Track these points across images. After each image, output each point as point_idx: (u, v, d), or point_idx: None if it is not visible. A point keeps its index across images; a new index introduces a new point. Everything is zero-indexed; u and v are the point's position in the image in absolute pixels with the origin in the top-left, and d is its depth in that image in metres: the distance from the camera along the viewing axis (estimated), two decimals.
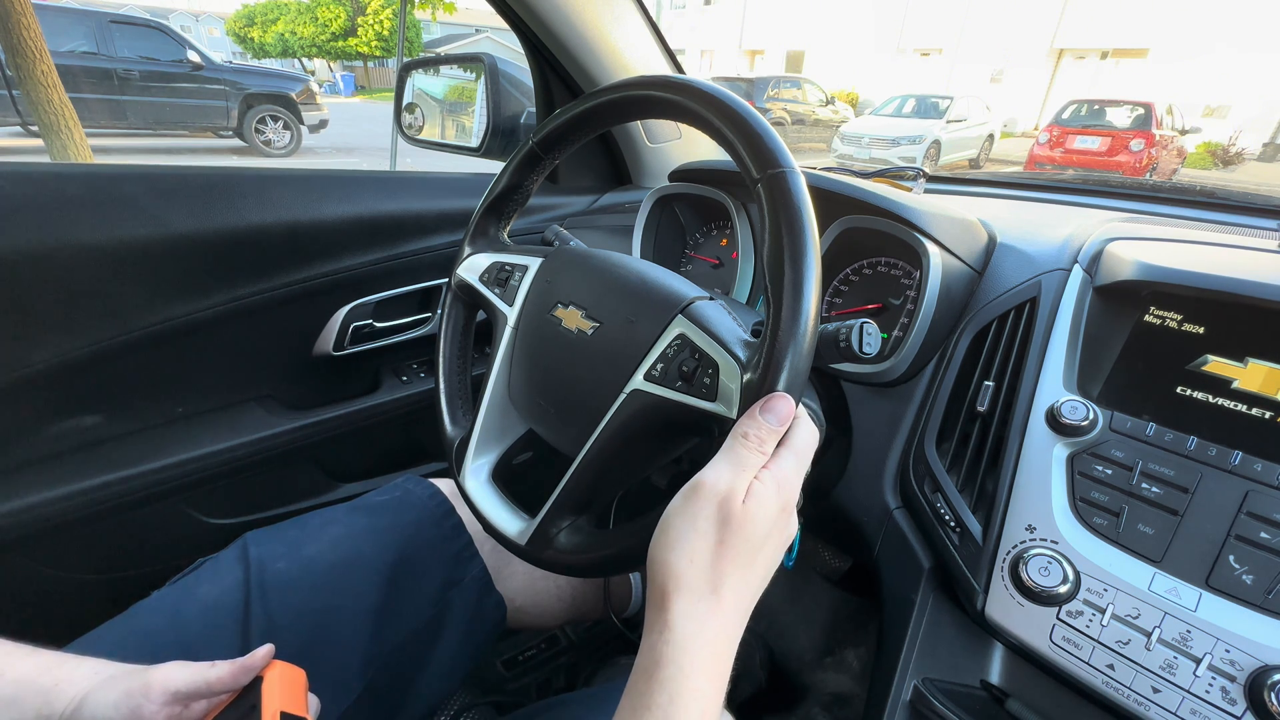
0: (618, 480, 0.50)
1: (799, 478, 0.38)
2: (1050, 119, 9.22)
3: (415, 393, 0.99)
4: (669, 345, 0.45)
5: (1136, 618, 0.46)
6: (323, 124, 8.30)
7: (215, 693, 0.43)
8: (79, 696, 0.41)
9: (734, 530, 0.34)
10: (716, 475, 0.36)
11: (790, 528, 0.38)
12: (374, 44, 23.88)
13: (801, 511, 0.40)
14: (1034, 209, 0.92)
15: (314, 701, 0.48)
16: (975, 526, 0.55)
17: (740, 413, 0.38)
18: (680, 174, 0.90)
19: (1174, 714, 0.44)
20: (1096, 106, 8.76)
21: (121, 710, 0.40)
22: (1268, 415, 0.48)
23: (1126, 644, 0.46)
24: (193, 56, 7.13)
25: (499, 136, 1.03)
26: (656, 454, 0.52)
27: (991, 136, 10.73)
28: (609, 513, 0.74)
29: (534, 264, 0.59)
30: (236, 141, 7.90)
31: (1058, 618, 0.49)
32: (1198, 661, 0.43)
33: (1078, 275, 0.61)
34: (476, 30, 27.50)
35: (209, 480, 0.83)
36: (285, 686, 0.44)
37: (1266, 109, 13.31)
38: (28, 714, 0.40)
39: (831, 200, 0.72)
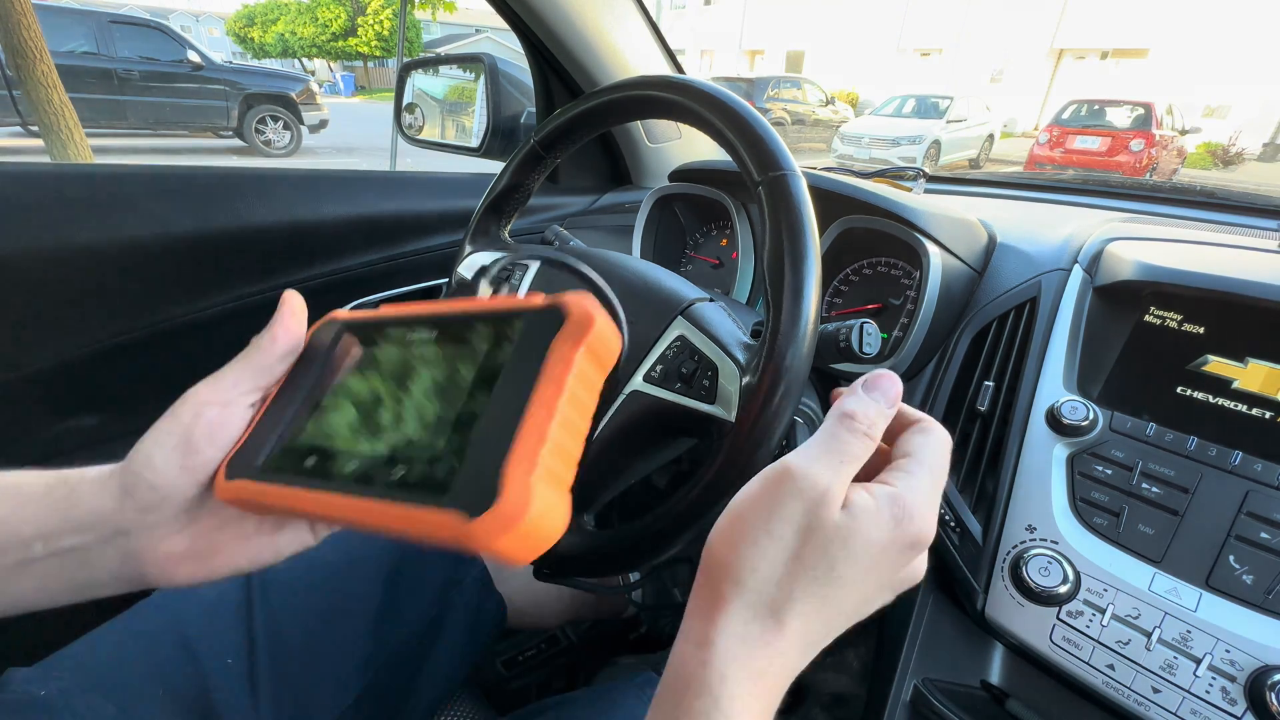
0: (616, 480, 0.50)
1: (932, 510, 0.29)
2: (1050, 119, 9.23)
3: None
4: (669, 347, 0.45)
5: (1136, 618, 0.46)
6: (323, 124, 8.29)
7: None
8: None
9: (819, 546, 0.26)
10: (810, 466, 0.27)
11: (911, 571, 0.30)
12: (374, 44, 23.91)
13: None
14: (1034, 209, 0.92)
15: None
16: (975, 527, 0.55)
17: (739, 416, 0.38)
18: (680, 174, 0.90)
19: (1174, 714, 0.44)
20: (1096, 106, 8.76)
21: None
22: (1268, 415, 0.48)
23: (1126, 644, 0.46)
24: (193, 56, 7.12)
25: (499, 136, 1.03)
26: (655, 455, 0.52)
27: (991, 136, 10.73)
28: (608, 513, 0.74)
29: (534, 263, 0.59)
30: (236, 141, 7.89)
31: (1058, 618, 0.49)
32: (1198, 662, 0.43)
33: (1078, 275, 0.61)
34: (476, 30, 27.51)
35: None
36: None
37: (1266, 109, 13.32)
38: (105, 532, 0.30)
39: (831, 200, 0.72)
